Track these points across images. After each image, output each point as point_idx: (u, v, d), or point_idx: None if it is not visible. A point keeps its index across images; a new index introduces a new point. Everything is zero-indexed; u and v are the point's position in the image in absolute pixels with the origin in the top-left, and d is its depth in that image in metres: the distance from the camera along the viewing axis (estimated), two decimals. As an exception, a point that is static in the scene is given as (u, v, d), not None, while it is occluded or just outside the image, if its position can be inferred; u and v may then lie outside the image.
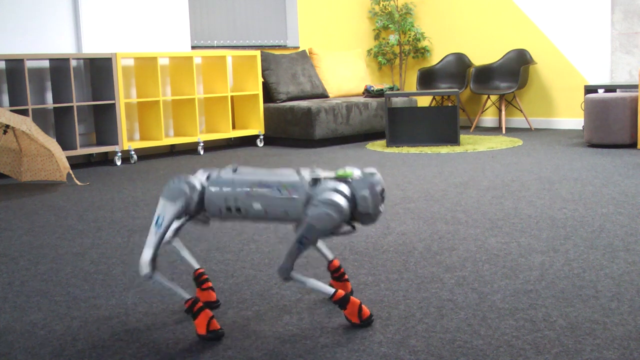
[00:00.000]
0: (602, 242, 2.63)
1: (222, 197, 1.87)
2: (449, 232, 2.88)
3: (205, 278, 2.07)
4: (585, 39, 6.79)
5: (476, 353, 1.66)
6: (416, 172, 4.53)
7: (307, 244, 1.81)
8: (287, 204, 1.84)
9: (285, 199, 1.84)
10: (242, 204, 1.86)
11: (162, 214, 1.86)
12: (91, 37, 5.63)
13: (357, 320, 1.86)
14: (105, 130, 5.57)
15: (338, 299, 1.86)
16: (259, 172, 1.91)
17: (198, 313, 1.82)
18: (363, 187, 1.83)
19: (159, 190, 4.22)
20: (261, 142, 6.48)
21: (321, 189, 1.82)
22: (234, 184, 1.87)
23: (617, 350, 1.65)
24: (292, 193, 1.84)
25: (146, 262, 1.83)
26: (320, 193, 1.81)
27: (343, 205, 1.80)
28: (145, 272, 1.82)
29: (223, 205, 1.87)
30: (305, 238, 1.81)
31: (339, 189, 1.81)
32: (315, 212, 1.79)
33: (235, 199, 1.86)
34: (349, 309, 1.86)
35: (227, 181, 1.88)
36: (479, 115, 7.22)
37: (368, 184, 1.83)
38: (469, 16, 7.63)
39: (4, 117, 4.02)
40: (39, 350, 1.78)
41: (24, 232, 3.19)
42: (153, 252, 1.83)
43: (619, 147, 5.43)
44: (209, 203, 1.88)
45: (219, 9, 6.68)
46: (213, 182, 1.88)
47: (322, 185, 1.84)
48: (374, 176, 1.85)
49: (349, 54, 7.32)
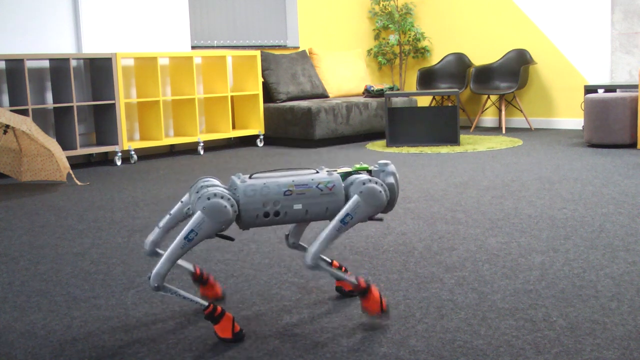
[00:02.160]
0: (602, 242, 2.63)
1: (259, 202, 1.80)
2: (449, 232, 2.88)
3: (206, 276, 2.06)
4: (585, 39, 6.79)
5: (476, 353, 1.66)
6: (416, 172, 4.53)
7: (351, 223, 1.82)
8: (329, 201, 1.84)
9: (327, 195, 1.84)
10: (282, 206, 1.81)
11: (197, 229, 1.75)
12: (91, 37, 5.63)
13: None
14: (105, 130, 5.57)
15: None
16: (281, 174, 1.88)
17: (220, 318, 1.78)
18: (388, 175, 1.89)
19: (179, 190, 4.21)
20: (261, 142, 6.48)
21: (356, 180, 1.85)
22: (269, 187, 1.82)
23: (617, 350, 1.65)
24: (332, 189, 1.85)
25: (162, 275, 1.74)
26: (358, 180, 1.84)
27: (385, 189, 1.85)
28: (158, 284, 1.74)
29: (260, 212, 1.81)
30: (349, 216, 1.81)
31: (370, 178, 1.85)
32: (367, 188, 1.81)
33: (275, 202, 1.81)
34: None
35: (260, 186, 1.81)
36: (479, 115, 7.22)
37: (391, 172, 1.90)
38: (469, 16, 7.63)
39: (4, 117, 4.02)
40: (39, 350, 1.78)
41: (24, 232, 3.19)
42: (171, 266, 1.75)
43: (619, 147, 5.43)
44: (245, 212, 1.80)
45: (219, 9, 6.68)
46: (247, 190, 1.81)
47: (353, 177, 1.87)
48: (390, 166, 1.92)
49: (349, 54, 7.31)
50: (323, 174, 1.88)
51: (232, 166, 5.17)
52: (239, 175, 1.87)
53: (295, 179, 1.85)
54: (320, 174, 1.88)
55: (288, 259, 2.58)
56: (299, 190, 1.82)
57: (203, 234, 1.75)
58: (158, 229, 1.95)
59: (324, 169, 1.93)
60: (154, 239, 1.95)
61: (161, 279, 1.74)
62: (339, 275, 1.84)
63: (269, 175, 1.88)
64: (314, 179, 1.85)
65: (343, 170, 1.94)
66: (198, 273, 2.06)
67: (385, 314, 1.88)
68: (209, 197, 1.75)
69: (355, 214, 1.82)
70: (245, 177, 1.86)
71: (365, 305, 1.87)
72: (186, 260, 2.08)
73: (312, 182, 1.84)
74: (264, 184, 1.82)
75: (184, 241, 1.75)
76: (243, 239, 2.90)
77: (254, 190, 1.81)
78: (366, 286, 1.86)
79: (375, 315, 1.88)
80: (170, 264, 1.75)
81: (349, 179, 1.89)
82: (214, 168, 5.10)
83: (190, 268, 2.05)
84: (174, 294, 1.77)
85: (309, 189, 1.83)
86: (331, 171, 1.90)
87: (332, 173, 1.89)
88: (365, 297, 1.87)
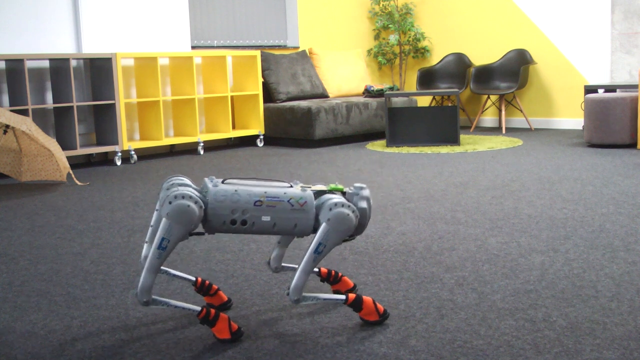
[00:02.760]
0: (602, 242, 2.63)
1: (228, 209, 1.78)
2: (449, 232, 2.88)
3: (208, 284, 2.04)
4: (585, 39, 6.79)
5: (476, 353, 1.66)
6: (416, 172, 4.53)
7: (324, 252, 1.79)
8: (299, 217, 1.81)
9: (297, 211, 1.81)
10: (250, 216, 1.79)
11: (167, 236, 1.73)
12: (91, 37, 5.63)
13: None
14: (105, 130, 5.57)
15: (353, 301, 1.85)
16: (254, 183, 1.86)
17: (215, 320, 1.77)
18: (361, 200, 1.86)
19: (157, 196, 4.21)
20: (261, 142, 6.48)
21: (327, 200, 1.82)
22: (240, 195, 1.79)
23: (617, 350, 1.65)
24: (303, 206, 1.81)
25: (147, 288, 1.73)
26: (329, 202, 1.81)
27: (355, 212, 1.82)
28: (145, 299, 1.73)
29: (228, 218, 1.78)
30: (322, 245, 1.78)
31: (343, 200, 1.82)
32: (335, 214, 1.78)
33: (244, 210, 1.78)
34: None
35: (231, 192, 1.79)
36: (479, 115, 7.22)
37: (365, 197, 1.87)
38: (469, 16, 7.63)
39: (4, 117, 4.02)
40: (39, 350, 1.78)
41: (24, 232, 3.19)
42: (154, 277, 1.74)
43: (619, 147, 5.43)
44: (213, 216, 1.78)
45: (219, 9, 6.68)
46: (217, 194, 1.78)
47: (326, 197, 1.84)
48: (365, 190, 1.88)
49: (349, 54, 7.32)
50: (297, 189, 1.85)
51: (232, 166, 5.17)
52: (212, 178, 1.84)
53: (268, 190, 1.81)
54: (293, 188, 1.85)
55: (288, 259, 2.58)
56: (269, 202, 1.79)
57: (175, 239, 1.73)
58: (147, 244, 1.92)
59: (298, 183, 1.90)
60: (145, 254, 1.93)
61: (148, 293, 1.73)
62: (327, 299, 1.83)
63: (243, 182, 1.85)
64: (286, 192, 1.82)
65: (317, 188, 1.90)
66: (199, 283, 2.04)
67: (384, 318, 1.87)
68: (171, 201, 1.73)
69: (327, 241, 1.78)
70: (218, 182, 1.83)
71: (361, 316, 1.87)
72: (185, 273, 2.07)
73: (285, 195, 1.81)
74: (235, 191, 1.79)
75: (158, 251, 1.73)
76: (243, 239, 2.90)
77: (224, 195, 1.78)
78: (355, 298, 1.85)
79: (374, 322, 1.87)
80: (153, 276, 1.73)
81: (321, 198, 1.85)
82: (214, 168, 5.10)
83: (192, 279, 2.03)
84: (165, 305, 1.76)
85: (280, 202, 1.80)
86: (305, 187, 1.86)
87: (305, 189, 1.85)
88: (359, 309, 1.86)
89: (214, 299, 2.05)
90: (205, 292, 2.04)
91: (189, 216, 1.72)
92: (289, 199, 1.81)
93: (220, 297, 2.06)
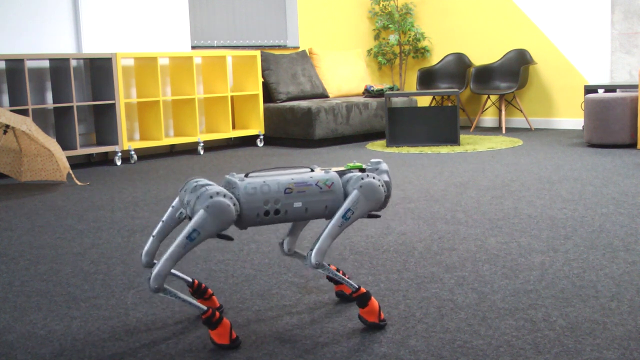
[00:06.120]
0: (602, 242, 2.63)
1: (260, 201, 1.77)
2: (449, 232, 2.88)
3: (204, 287, 2.02)
4: (585, 39, 6.79)
5: (476, 353, 1.66)
6: (416, 172, 4.53)
7: (352, 218, 1.81)
8: (328, 199, 1.84)
9: (326, 193, 1.84)
10: (283, 204, 1.79)
11: (200, 229, 1.69)
12: (91, 37, 5.63)
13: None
14: (105, 130, 5.57)
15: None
16: (277, 172, 1.87)
17: (218, 323, 1.75)
18: (382, 173, 1.91)
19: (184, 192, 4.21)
20: (261, 142, 6.48)
21: (353, 176, 1.86)
22: (269, 185, 1.79)
23: (617, 350, 1.65)
24: (331, 187, 1.84)
25: (163, 275, 1.68)
26: (356, 176, 1.85)
27: (384, 185, 1.87)
28: (157, 285, 1.68)
29: (261, 210, 1.77)
30: (350, 211, 1.80)
31: (367, 173, 1.86)
32: (367, 183, 1.82)
33: (276, 200, 1.78)
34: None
35: (260, 184, 1.78)
36: (479, 115, 7.22)
37: (385, 170, 1.92)
38: (469, 16, 7.63)
39: (4, 117, 4.02)
40: (39, 350, 1.78)
41: (24, 232, 3.19)
42: (173, 266, 1.70)
43: (619, 147, 5.43)
44: (247, 210, 1.76)
45: (219, 9, 6.68)
46: (247, 188, 1.77)
47: (349, 175, 1.88)
48: (383, 164, 1.94)
49: (349, 54, 7.31)
50: (319, 172, 1.88)
51: (232, 166, 5.17)
52: (233, 174, 1.84)
53: (295, 177, 1.83)
54: (316, 172, 1.88)
55: (288, 259, 2.58)
56: (299, 188, 1.81)
57: (206, 233, 1.70)
58: (152, 238, 1.90)
59: (317, 167, 1.93)
60: (148, 249, 1.90)
61: (162, 279, 1.69)
62: (340, 278, 1.83)
63: (266, 173, 1.86)
64: (312, 176, 1.85)
65: (336, 169, 1.93)
66: (196, 285, 2.02)
67: (383, 324, 1.85)
68: (212, 196, 1.70)
69: (356, 208, 1.81)
70: (241, 176, 1.82)
71: (362, 314, 1.85)
72: (185, 273, 2.06)
73: (311, 180, 1.83)
74: (264, 182, 1.79)
75: (185, 241, 1.69)
76: (243, 239, 2.90)
77: (254, 188, 1.77)
78: (364, 293, 1.84)
79: (372, 324, 1.85)
80: (172, 264, 1.69)
81: (346, 176, 1.89)
82: (214, 168, 5.10)
83: (189, 280, 2.01)
84: (174, 296, 1.73)
85: (309, 187, 1.82)
86: (326, 169, 1.90)
87: (328, 171, 1.89)
88: (364, 306, 1.84)
89: (206, 304, 2.03)
90: (200, 295, 2.01)
91: (227, 215, 1.71)
92: (317, 182, 1.84)
93: (213, 302, 2.03)
